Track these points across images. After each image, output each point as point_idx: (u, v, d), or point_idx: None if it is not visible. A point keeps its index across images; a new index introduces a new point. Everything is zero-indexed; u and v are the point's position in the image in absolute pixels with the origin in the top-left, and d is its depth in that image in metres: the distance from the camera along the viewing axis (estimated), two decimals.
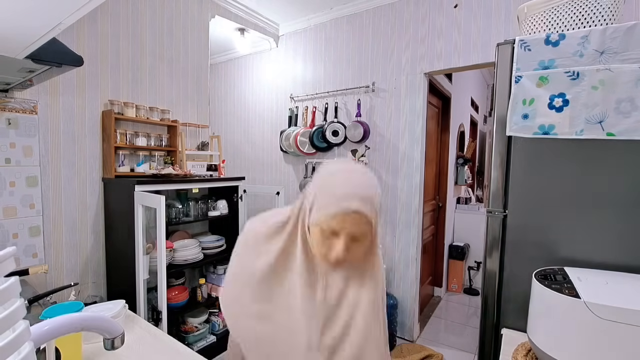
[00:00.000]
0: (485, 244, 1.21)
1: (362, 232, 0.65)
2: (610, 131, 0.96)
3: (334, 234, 0.64)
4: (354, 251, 0.66)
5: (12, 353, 0.38)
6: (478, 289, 3.54)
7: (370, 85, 2.64)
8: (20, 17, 0.81)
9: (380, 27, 2.61)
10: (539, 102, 1.05)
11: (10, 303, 0.39)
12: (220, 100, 3.79)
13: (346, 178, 0.66)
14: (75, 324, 0.58)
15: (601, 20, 1.04)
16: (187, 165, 2.17)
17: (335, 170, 0.69)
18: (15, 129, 1.60)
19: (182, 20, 2.33)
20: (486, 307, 1.21)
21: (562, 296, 0.80)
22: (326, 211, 0.63)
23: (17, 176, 1.62)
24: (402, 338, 2.61)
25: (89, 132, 1.87)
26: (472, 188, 4.62)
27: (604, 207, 1.01)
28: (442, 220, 3.49)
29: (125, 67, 2.01)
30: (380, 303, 0.74)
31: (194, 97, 2.44)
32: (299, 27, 3.06)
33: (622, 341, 0.72)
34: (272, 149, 3.29)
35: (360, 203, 0.63)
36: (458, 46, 2.28)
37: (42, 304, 1.23)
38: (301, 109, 3.04)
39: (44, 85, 1.69)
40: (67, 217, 1.80)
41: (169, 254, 1.90)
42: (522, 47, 1.07)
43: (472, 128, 4.56)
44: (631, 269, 0.96)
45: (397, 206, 2.59)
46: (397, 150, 2.57)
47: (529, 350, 0.95)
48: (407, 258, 2.56)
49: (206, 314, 2.19)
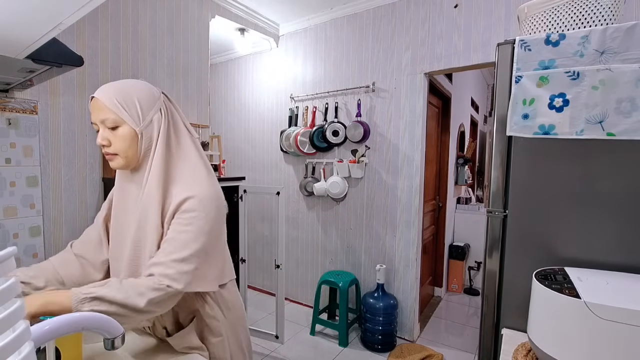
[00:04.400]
0: (485, 244, 1.21)
1: (109, 119, 0.82)
2: (611, 131, 0.96)
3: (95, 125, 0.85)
4: (116, 139, 0.84)
5: (12, 353, 0.38)
6: (478, 289, 3.54)
7: (370, 85, 2.64)
8: (20, 17, 0.81)
9: (380, 27, 2.61)
10: (539, 102, 1.05)
11: (11, 303, 0.38)
12: (220, 100, 3.79)
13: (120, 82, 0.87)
14: (75, 324, 0.58)
15: (601, 20, 1.03)
16: None
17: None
18: (16, 129, 1.60)
19: (182, 20, 2.33)
20: (486, 307, 1.21)
21: (562, 296, 0.80)
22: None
23: (17, 176, 1.62)
24: (402, 338, 2.61)
25: (89, 132, 1.87)
26: (472, 188, 4.62)
27: (604, 207, 1.01)
28: (442, 220, 3.49)
29: (125, 67, 2.01)
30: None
31: (194, 97, 2.44)
32: (299, 27, 3.06)
33: (623, 341, 0.72)
34: (272, 149, 3.30)
35: (100, 92, 0.83)
36: (458, 46, 2.28)
37: None
38: (301, 109, 3.04)
39: (44, 85, 1.69)
40: (68, 217, 1.81)
41: None
42: (522, 47, 1.07)
43: (472, 128, 4.56)
44: (632, 269, 0.96)
45: (397, 206, 2.59)
46: (397, 150, 2.57)
47: (529, 350, 0.95)
48: (408, 258, 2.56)
49: None
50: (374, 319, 2.44)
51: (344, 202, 2.87)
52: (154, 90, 0.89)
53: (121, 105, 0.82)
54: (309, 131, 2.88)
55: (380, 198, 2.67)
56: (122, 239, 0.91)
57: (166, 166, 0.87)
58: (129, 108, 0.83)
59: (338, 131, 2.73)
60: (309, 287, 3.13)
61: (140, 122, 0.84)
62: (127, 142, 0.84)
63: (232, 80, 3.68)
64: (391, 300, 2.49)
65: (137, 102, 0.84)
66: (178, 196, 0.83)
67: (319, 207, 3.03)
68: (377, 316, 2.43)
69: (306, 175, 3.05)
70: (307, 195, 3.04)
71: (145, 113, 0.85)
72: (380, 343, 2.45)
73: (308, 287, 3.15)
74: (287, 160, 3.21)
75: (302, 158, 3.05)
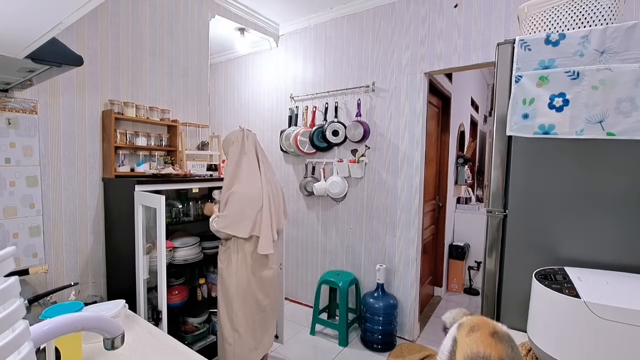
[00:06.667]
0: (485, 243, 1.21)
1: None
2: (611, 131, 0.96)
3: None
4: None
5: (12, 353, 0.38)
6: (478, 288, 3.54)
7: (370, 85, 2.64)
8: (20, 17, 0.81)
9: (380, 26, 2.61)
10: (539, 102, 1.05)
11: (10, 303, 0.38)
12: (220, 100, 3.79)
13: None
14: (75, 324, 0.58)
15: (601, 19, 1.03)
16: (187, 165, 2.17)
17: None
18: (15, 128, 1.60)
19: (182, 20, 2.33)
20: (486, 307, 1.21)
21: (562, 296, 0.80)
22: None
23: (17, 176, 1.62)
24: (402, 338, 2.61)
25: (89, 132, 1.87)
26: (472, 188, 4.62)
27: (604, 206, 1.01)
28: (442, 220, 3.49)
29: (125, 67, 2.01)
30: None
31: (194, 97, 2.44)
32: (299, 27, 3.06)
33: (623, 341, 0.72)
34: (272, 149, 3.30)
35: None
36: (458, 46, 2.28)
37: (42, 304, 1.23)
38: (301, 108, 3.04)
39: (44, 85, 1.69)
40: (67, 217, 1.80)
41: (169, 254, 1.90)
42: (522, 47, 1.07)
43: (472, 128, 4.55)
44: (631, 269, 0.96)
45: (397, 206, 2.59)
46: (397, 150, 2.57)
47: (529, 350, 0.95)
48: (407, 258, 2.56)
49: (206, 313, 2.19)
50: (373, 319, 2.44)
51: (344, 202, 2.87)
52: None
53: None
54: (308, 131, 2.88)
55: (380, 198, 2.67)
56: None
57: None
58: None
59: (338, 131, 2.73)
60: (309, 287, 3.13)
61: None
62: None
63: (232, 80, 3.68)
64: (391, 300, 2.49)
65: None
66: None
67: (319, 207, 3.03)
68: (377, 316, 2.43)
69: (306, 175, 3.05)
70: (307, 195, 3.04)
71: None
72: (380, 343, 2.45)
73: (308, 287, 3.15)
74: (287, 160, 3.21)
75: (302, 158, 3.05)
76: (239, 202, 1.62)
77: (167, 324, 1.61)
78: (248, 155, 1.70)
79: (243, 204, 1.63)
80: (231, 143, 1.71)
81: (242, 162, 1.69)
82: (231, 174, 1.69)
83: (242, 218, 1.62)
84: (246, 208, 1.63)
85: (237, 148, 1.70)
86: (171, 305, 1.89)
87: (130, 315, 1.27)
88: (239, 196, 1.63)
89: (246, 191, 1.64)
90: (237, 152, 1.70)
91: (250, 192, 1.65)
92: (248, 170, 1.68)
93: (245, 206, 1.63)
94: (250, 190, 1.66)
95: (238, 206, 1.62)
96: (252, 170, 1.69)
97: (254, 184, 1.67)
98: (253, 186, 1.66)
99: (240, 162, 1.69)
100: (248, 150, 1.71)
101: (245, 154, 1.70)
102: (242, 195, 1.63)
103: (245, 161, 1.70)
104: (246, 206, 1.63)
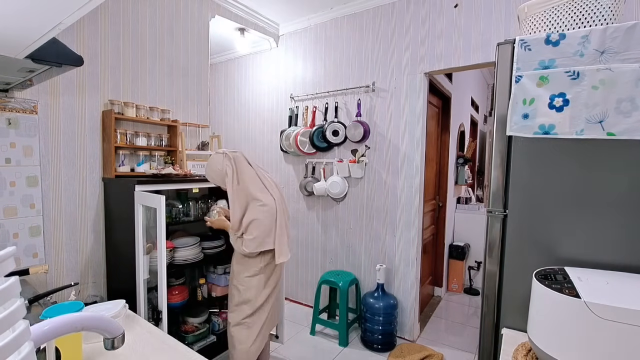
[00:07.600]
0: (485, 243, 1.21)
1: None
2: (611, 131, 0.96)
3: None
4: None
5: (12, 353, 0.38)
6: (478, 288, 3.54)
7: (370, 85, 2.64)
8: (20, 17, 0.81)
9: (380, 26, 2.61)
10: (539, 102, 1.05)
11: (10, 303, 0.39)
12: (220, 100, 3.79)
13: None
14: (75, 324, 0.58)
15: (601, 19, 1.03)
16: (188, 165, 2.17)
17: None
18: (16, 128, 1.60)
19: (182, 20, 2.33)
20: (486, 307, 1.21)
21: (562, 296, 0.80)
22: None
23: (17, 176, 1.62)
24: (402, 338, 2.61)
25: (89, 132, 1.87)
26: (472, 188, 4.62)
27: (604, 206, 1.01)
28: (442, 220, 3.49)
29: (125, 67, 2.01)
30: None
31: (194, 97, 2.44)
32: (299, 27, 3.06)
33: (623, 341, 0.72)
34: (272, 149, 3.30)
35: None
36: (458, 46, 2.28)
37: (42, 304, 1.23)
38: (301, 108, 3.04)
39: (44, 85, 1.69)
40: (68, 217, 1.81)
41: (169, 254, 1.90)
42: (523, 47, 1.07)
43: (472, 128, 4.55)
44: (632, 269, 0.96)
45: (397, 206, 2.59)
46: (397, 150, 2.57)
47: (529, 350, 0.95)
48: (408, 258, 2.56)
49: (206, 313, 2.19)
50: (373, 319, 2.44)
51: (344, 202, 2.87)
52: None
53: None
54: (309, 131, 2.88)
55: (380, 198, 2.67)
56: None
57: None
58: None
59: (338, 131, 2.73)
60: (309, 287, 3.13)
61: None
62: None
63: (232, 80, 3.68)
64: (391, 300, 2.49)
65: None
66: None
67: (319, 207, 3.03)
68: (377, 316, 2.43)
69: (306, 175, 3.05)
70: (307, 195, 3.04)
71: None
72: (380, 343, 2.45)
73: (308, 287, 3.15)
74: (287, 160, 3.21)
75: (302, 158, 3.05)
76: (263, 221, 1.65)
77: (167, 324, 1.61)
78: (248, 174, 1.70)
79: (268, 221, 1.66)
80: (225, 175, 1.67)
81: (246, 184, 1.68)
82: (243, 198, 1.67)
83: (269, 233, 1.67)
84: (270, 224, 1.67)
85: (233, 175, 1.67)
86: (171, 305, 1.89)
87: (130, 315, 1.27)
88: (263, 216, 1.64)
89: (265, 209, 1.66)
90: (236, 178, 1.67)
91: (268, 207, 1.67)
92: (255, 188, 1.69)
93: (270, 222, 1.67)
94: (266, 204, 1.67)
95: (264, 224, 1.65)
96: (260, 188, 1.70)
97: (266, 198, 1.68)
98: (267, 199, 1.68)
99: (246, 186, 1.68)
100: (244, 169, 1.70)
101: (244, 174, 1.69)
102: (264, 215, 1.65)
103: (249, 181, 1.69)
104: (270, 222, 1.67)
